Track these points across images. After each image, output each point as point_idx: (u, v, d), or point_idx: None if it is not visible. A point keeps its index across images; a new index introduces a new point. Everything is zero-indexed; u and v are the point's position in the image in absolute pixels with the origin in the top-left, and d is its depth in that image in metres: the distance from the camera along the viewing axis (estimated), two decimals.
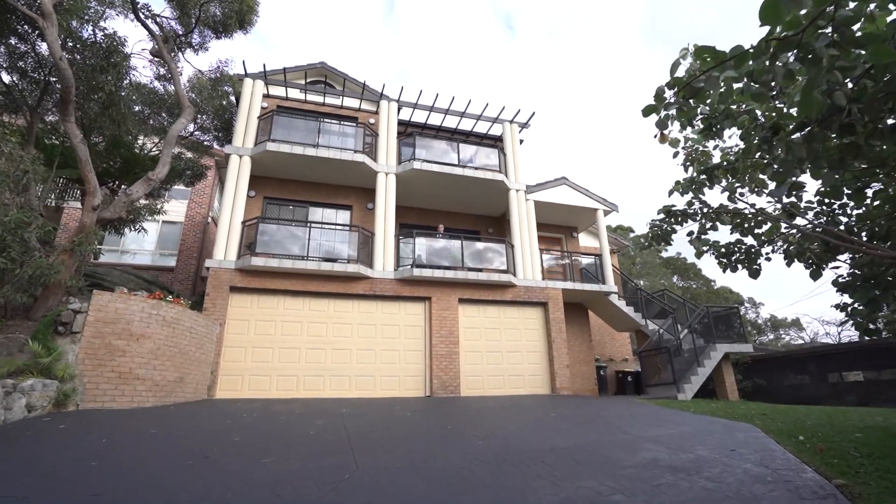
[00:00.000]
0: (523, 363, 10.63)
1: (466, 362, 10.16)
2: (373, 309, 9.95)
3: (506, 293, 10.89)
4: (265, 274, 9.28)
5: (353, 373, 9.34)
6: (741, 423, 5.03)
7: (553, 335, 10.89)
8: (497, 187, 11.92)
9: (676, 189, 4.52)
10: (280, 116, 10.75)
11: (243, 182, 9.91)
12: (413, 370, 9.76)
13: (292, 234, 9.72)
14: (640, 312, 12.59)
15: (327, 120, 11.31)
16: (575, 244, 14.25)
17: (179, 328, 7.23)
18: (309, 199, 11.26)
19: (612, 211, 13.17)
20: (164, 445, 4.06)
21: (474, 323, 10.60)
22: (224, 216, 9.49)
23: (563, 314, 11.23)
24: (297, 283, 9.42)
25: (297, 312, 9.44)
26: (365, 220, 11.34)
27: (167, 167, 8.13)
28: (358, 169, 10.84)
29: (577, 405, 7.65)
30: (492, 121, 13.06)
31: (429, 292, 10.27)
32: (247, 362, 8.84)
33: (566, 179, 12.86)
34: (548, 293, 11.29)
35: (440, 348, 9.87)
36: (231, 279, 9.08)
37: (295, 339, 9.24)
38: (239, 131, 10.31)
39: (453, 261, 10.69)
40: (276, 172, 10.96)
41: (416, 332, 10.09)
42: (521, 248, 11.52)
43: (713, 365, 9.93)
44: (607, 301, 12.35)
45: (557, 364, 10.64)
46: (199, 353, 7.82)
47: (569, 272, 12.65)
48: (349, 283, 9.72)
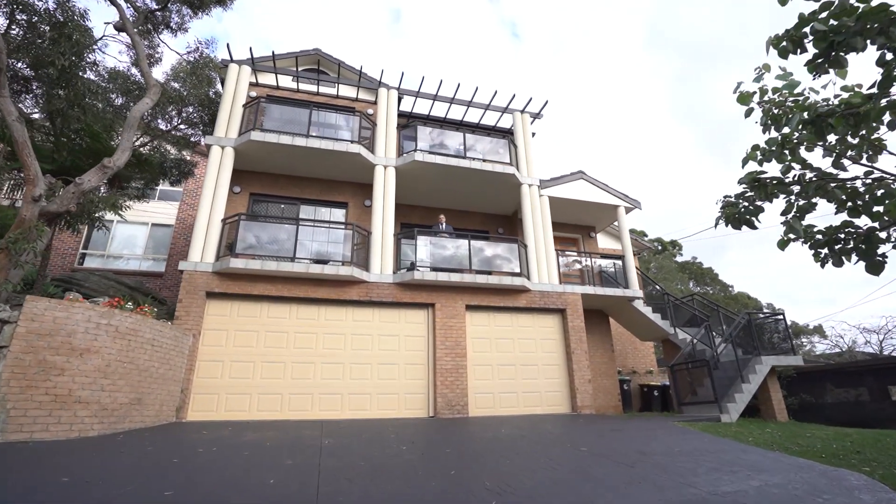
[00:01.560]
0: (539, 378, 9.41)
1: (475, 377, 8.97)
2: (369, 317, 8.82)
3: (519, 299, 9.70)
4: (246, 277, 8.20)
5: (345, 390, 8.19)
6: (846, 472, 3.73)
7: (572, 346, 9.67)
8: (508, 182, 10.78)
9: (753, 157, 3.34)
10: (267, 104, 9.74)
11: (225, 175, 8.88)
12: (414, 387, 8.58)
13: (278, 232, 8.65)
14: (669, 320, 11.31)
15: (320, 109, 10.27)
16: (593, 245, 13.04)
17: (137, 340, 6.15)
18: (300, 196, 10.20)
19: (634, 208, 11.96)
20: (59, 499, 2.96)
21: (484, 333, 9.42)
22: (202, 213, 8.46)
23: (583, 322, 10.01)
24: (282, 287, 8.33)
25: (283, 321, 8.34)
26: (362, 219, 10.26)
27: (127, 153, 7.11)
28: (353, 161, 9.77)
29: (609, 432, 6.42)
30: (501, 111, 11.95)
31: (432, 298, 9.12)
32: (224, 378, 7.73)
33: (583, 174, 11.69)
34: (566, 299, 10.08)
35: (445, 361, 8.70)
36: (208, 283, 8.01)
37: (280, 352, 8.12)
38: (222, 120, 9.30)
39: (460, 263, 9.55)
40: (264, 166, 9.93)
41: (418, 343, 8.93)
42: (535, 249, 10.34)
43: (759, 380, 8.64)
44: (631, 307, 11.11)
45: (578, 379, 9.41)
46: (165, 369, 6.73)
47: (587, 276, 11.44)
48: (342, 288, 8.61)
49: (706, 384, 9.23)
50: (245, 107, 9.55)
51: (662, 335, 11.63)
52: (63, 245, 14.25)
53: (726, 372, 9.05)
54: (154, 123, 11.34)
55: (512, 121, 11.93)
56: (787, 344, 9.35)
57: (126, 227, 14.95)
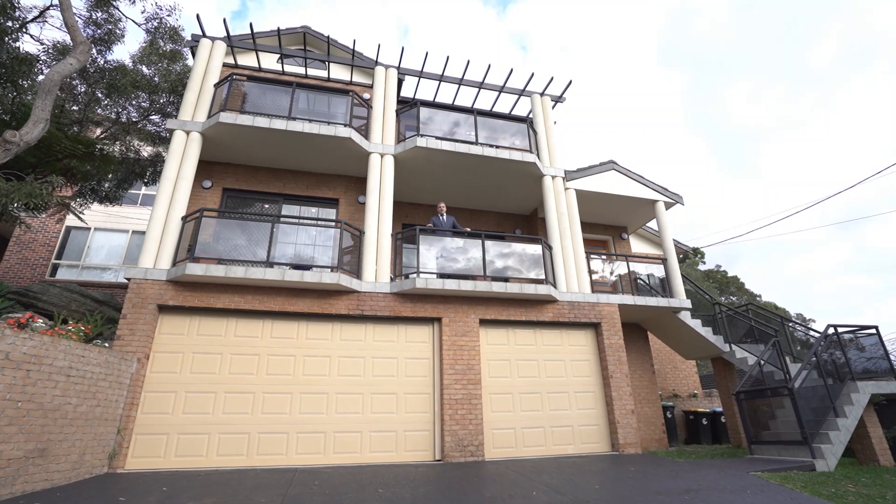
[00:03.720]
0: (571, 409, 7.64)
1: (492, 409, 7.25)
2: (360, 335, 7.19)
3: (544, 311, 8.00)
4: (209, 287, 6.66)
5: (330, 427, 6.54)
6: None
7: (610, 368, 7.91)
8: (527, 172, 9.16)
9: None
10: (243, 82, 8.30)
11: (189, 165, 7.41)
12: (417, 422, 6.89)
13: (249, 232, 7.11)
14: (722, 334, 9.48)
15: (309, 90, 8.79)
16: (625, 248, 11.29)
17: (42, 371, 4.59)
18: (283, 192, 8.69)
19: (675, 203, 10.23)
20: None
21: (502, 353, 7.72)
22: (158, 209, 6.97)
23: (621, 339, 8.25)
24: (253, 299, 6.77)
25: (254, 341, 6.75)
26: (355, 218, 8.71)
27: (41, 126, 5.66)
28: (344, 148, 8.25)
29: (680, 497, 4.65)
30: (518, 93, 10.39)
31: (438, 311, 7.47)
32: (176, 414, 6.14)
33: (615, 163, 10.02)
34: (600, 310, 8.35)
35: (455, 390, 7.01)
36: (160, 295, 6.48)
37: (249, 380, 6.52)
38: (188, 102, 7.87)
39: (471, 268, 7.90)
40: (240, 157, 8.46)
41: (421, 367, 7.27)
42: (561, 251, 8.66)
43: (858, 414, 6.77)
44: (676, 320, 9.31)
45: (618, 410, 7.63)
46: (90, 406, 5.17)
47: (620, 284, 9.69)
48: (327, 300, 7.02)
49: (782, 417, 7.38)
50: (217, 86, 8.13)
51: (713, 353, 9.78)
52: (34, 255, 12.97)
53: (808, 402, 7.19)
54: (124, 114, 10.02)
55: (530, 105, 10.35)
56: (884, 364, 7.46)
57: (104, 235, 13.64)
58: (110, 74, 8.29)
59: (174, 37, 8.49)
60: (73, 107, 9.60)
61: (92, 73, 8.45)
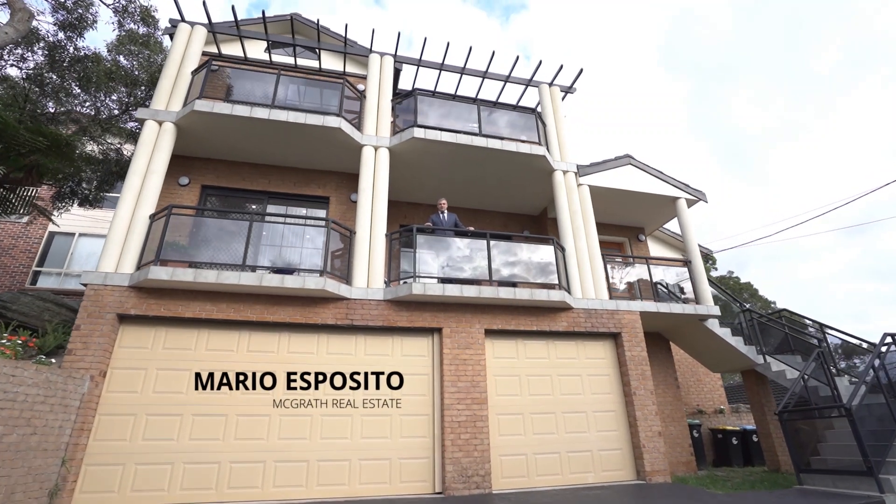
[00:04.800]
0: (590, 431, 6.73)
1: (500, 432, 6.36)
2: (350, 347, 6.35)
3: (557, 319, 7.13)
4: (177, 294, 5.86)
5: (314, 455, 5.67)
6: None
7: (633, 384, 7.00)
8: (536, 167, 8.34)
9: None
10: (223, 68, 7.58)
11: (160, 159, 6.66)
12: (414, 448, 6.01)
13: (224, 231, 6.32)
14: (755, 345, 8.54)
15: (297, 82, 8.06)
16: (642, 251, 10.41)
17: None
18: (267, 189, 7.91)
19: (698, 200, 9.36)
20: None
21: (511, 368, 6.84)
22: (122, 208, 6.21)
23: (644, 350, 7.35)
24: (228, 308, 5.96)
25: (228, 356, 5.93)
26: (347, 218, 7.91)
27: None
28: (334, 141, 7.48)
29: None
30: (525, 83, 9.61)
31: (438, 320, 6.63)
32: (135, 441, 5.31)
33: (631, 158, 9.19)
34: (620, 319, 7.46)
35: (457, 411, 6.13)
36: (121, 303, 5.68)
37: (220, 400, 5.69)
38: (162, 90, 7.15)
39: (475, 271, 7.06)
40: (220, 151, 7.72)
41: (419, 384, 6.40)
42: (575, 253, 7.81)
43: None
44: (703, 329, 8.40)
45: (643, 431, 6.71)
46: (23, 435, 4.35)
47: (638, 289, 8.81)
48: (312, 308, 6.20)
49: (833, 440, 6.43)
50: (194, 73, 7.40)
51: (744, 365, 8.84)
52: (13, 262, 12.27)
53: (862, 423, 6.23)
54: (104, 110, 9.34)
55: (538, 96, 9.56)
56: None
57: (90, 241, 12.92)
58: (82, 63, 7.61)
59: (146, 17, 7.79)
60: (49, 102, 8.94)
61: (62, 62, 7.76)
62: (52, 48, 7.64)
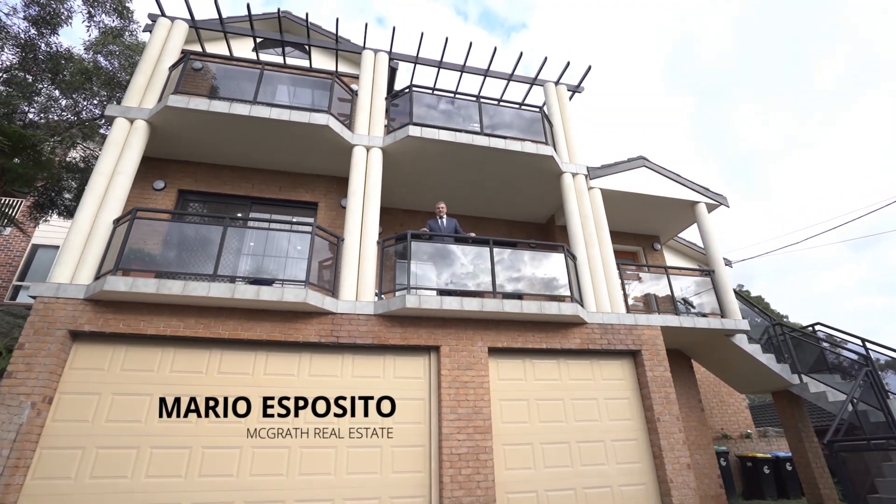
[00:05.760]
0: (609, 464, 5.90)
1: (507, 466, 5.56)
2: (335, 369, 5.61)
3: (569, 336, 6.37)
4: (139, 308, 5.18)
5: (292, 495, 4.90)
6: None
7: (656, 409, 6.20)
8: (543, 168, 7.68)
9: None
10: (203, 63, 7.02)
11: (129, 159, 6.05)
12: (407, 486, 5.22)
13: (202, 238, 5.66)
14: (788, 363, 7.71)
15: (285, 83, 7.49)
16: (658, 261, 9.66)
17: None
18: (251, 195, 7.28)
19: (719, 205, 8.64)
20: None
21: (517, 391, 6.06)
22: (83, 212, 5.58)
23: (668, 371, 6.56)
24: (198, 323, 5.26)
25: (196, 378, 5.21)
26: (337, 224, 7.25)
27: None
28: (322, 140, 6.87)
29: None
30: (529, 82, 9.01)
31: (435, 337, 5.89)
32: (82, 479, 4.56)
33: (645, 159, 8.52)
34: (640, 335, 6.69)
35: (457, 441, 5.35)
36: (74, 318, 5.00)
37: (185, 430, 4.95)
38: (135, 86, 6.59)
39: (477, 282, 6.34)
40: (200, 153, 7.11)
41: (414, 410, 5.63)
42: (587, 262, 7.08)
43: None
44: (730, 346, 7.60)
45: (671, 464, 5.87)
46: None
47: (655, 302, 8.04)
48: (293, 324, 5.49)
49: (892, 475, 5.57)
50: (172, 69, 6.85)
51: (776, 385, 8.00)
52: None
53: None
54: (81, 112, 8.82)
55: (544, 97, 8.95)
56: None
57: None
58: (54, 60, 7.10)
59: (120, 10, 7.29)
60: (27, 106, 8.44)
61: (38, 60, 7.25)
62: (23, 46, 7.15)
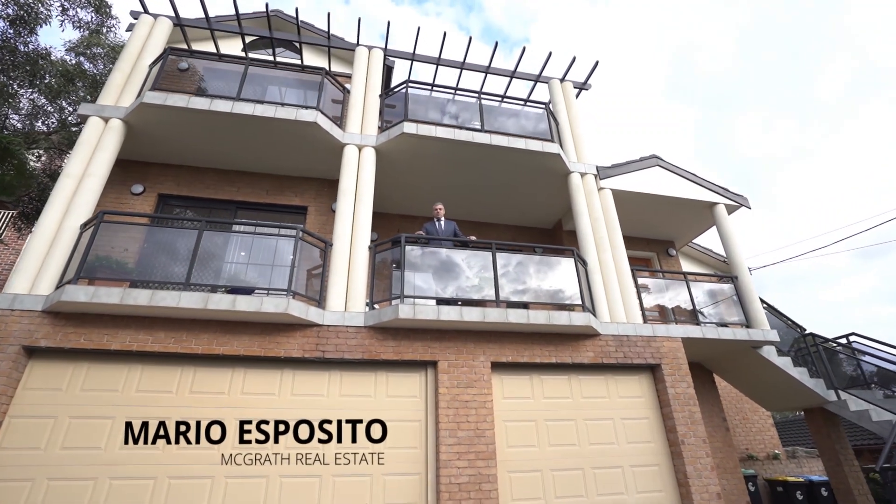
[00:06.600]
0: (629, 493, 5.25)
1: (514, 496, 4.93)
2: (320, 387, 5.05)
3: (581, 349, 5.77)
4: (102, 320, 4.68)
5: None
6: None
7: (680, 430, 5.55)
8: (549, 168, 7.16)
9: None
10: (184, 59, 6.63)
11: (102, 160, 5.61)
12: None
13: (175, 244, 5.18)
14: (823, 378, 7.03)
15: (275, 82, 7.07)
16: (673, 266, 9.05)
17: None
18: (236, 199, 6.82)
19: (739, 206, 8.05)
20: None
21: (524, 411, 5.45)
22: (48, 216, 5.12)
23: (691, 387, 5.92)
24: (168, 337, 4.74)
25: (165, 398, 4.67)
26: (327, 230, 6.75)
27: None
28: (311, 139, 6.41)
29: None
30: (533, 79, 8.55)
31: (433, 352, 5.32)
32: None
33: (659, 159, 7.98)
34: (659, 347, 6.07)
35: (457, 468, 4.74)
36: (30, 332, 4.51)
37: (150, 458, 4.40)
38: (112, 84, 6.19)
39: (479, 290, 5.78)
40: (181, 155, 6.68)
41: (408, 434, 5.04)
42: (599, 268, 6.51)
43: None
44: (757, 359, 6.94)
45: (698, 493, 5.21)
46: None
47: (672, 312, 7.42)
48: (274, 337, 4.95)
49: None
50: (152, 66, 6.46)
51: (809, 402, 7.30)
52: None
53: None
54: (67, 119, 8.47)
55: (549, 95, 8.47)
56: None
57: None
58: (31, 62, 6.74)
59: (96, 3, 6.93)
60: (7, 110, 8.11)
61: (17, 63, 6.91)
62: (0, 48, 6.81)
